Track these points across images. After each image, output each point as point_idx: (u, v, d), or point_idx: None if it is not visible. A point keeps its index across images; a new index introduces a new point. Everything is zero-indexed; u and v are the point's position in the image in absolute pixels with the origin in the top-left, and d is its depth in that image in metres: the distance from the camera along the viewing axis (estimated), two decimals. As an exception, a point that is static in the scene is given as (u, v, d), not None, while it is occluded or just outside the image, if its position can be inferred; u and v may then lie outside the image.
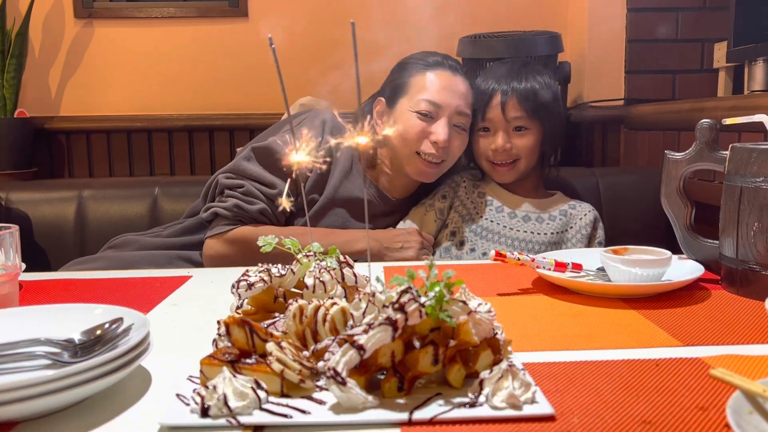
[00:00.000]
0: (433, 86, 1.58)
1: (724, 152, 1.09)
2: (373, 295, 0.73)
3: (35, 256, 1.94)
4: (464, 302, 0.70)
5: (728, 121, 1.14)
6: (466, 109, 1.62)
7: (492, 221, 1.67)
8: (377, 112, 1.66)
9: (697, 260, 1.16)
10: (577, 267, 1.13)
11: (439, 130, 1.57)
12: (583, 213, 1.69)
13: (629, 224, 1.93)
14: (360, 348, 0.65)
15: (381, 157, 1.67)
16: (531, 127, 1.65)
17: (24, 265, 1.17)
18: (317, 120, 1.61)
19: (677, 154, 1.17)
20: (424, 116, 1.57)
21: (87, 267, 1.60)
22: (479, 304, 0.75)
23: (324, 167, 0.88)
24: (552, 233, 1.66)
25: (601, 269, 1.14)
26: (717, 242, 1.11)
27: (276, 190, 1.53)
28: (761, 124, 1.10)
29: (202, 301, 1.08)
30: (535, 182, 1.76)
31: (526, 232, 1.65)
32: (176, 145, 2.56)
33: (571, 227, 1.68)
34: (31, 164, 2.43)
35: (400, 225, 1.72)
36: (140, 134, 2.55)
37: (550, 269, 1.10)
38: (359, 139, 0.85)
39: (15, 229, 0.95)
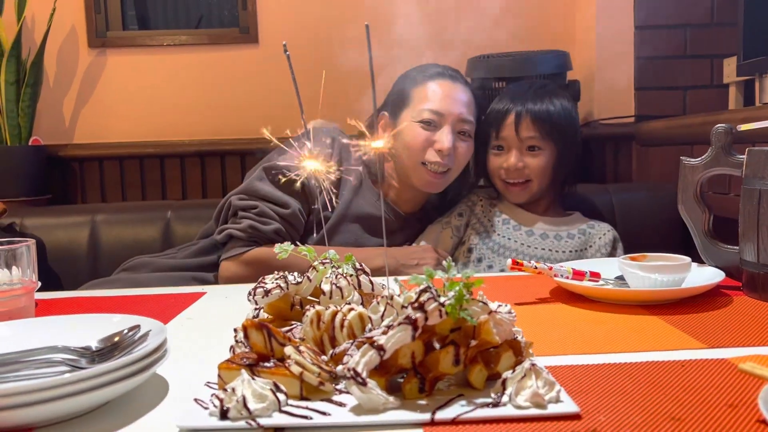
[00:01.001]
0: (435, 95, 1.60)
1: (741, 156, 1.09)
2: (392, 297, 0.73)
3: (49, 280, 1.93)
4: (484, 302, 0.69)
5: (743, 127, 1.14)
6: (469, 116, 1.62)
7: (509, 239, 1.66)
8: (380, 127, 1.67)
9: (717, 267, 1.14)
10: (596, 276, 1.11)
11: (443, 137, 1.57)
12: (602, 233, 1.67)
13: (645, 240, 1.90)
14: (380, 348, 0.64)
15: (388, 171, 1.67)
16: (544, 147, 1.65)
17: (39, 283, 1.17)
18: (326, 138, 1.62)
19: (693, 159, 1.16)
20: (427, 125, 1.58)
21: (101, 289, 1.59)
22: (499, 306, 0.74)
23: (333, 178, 0.88)
24: (571, 251, 1.64)
25: (620, 278, 1.12)
26: (737, 248, 1.10)
27: (289, 210, 1.52)
28: (777, 128, 1.09)
29: (218, 315, 1.08)
30: (550, 203, 1.75)
31: (544, 249, 1.63)
32: (188, 170, 2.58)
33: (591, 246, 1.66)
34: (45, 191, 2.45)
35: (416, 243, 1.71)
36: (152, 160, 2.57)
37: (568, 278, 1.08)
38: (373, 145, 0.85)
39: (31, 243, 0.95)
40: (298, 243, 0.89)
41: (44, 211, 2.13)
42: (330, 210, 1.61)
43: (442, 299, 0.66)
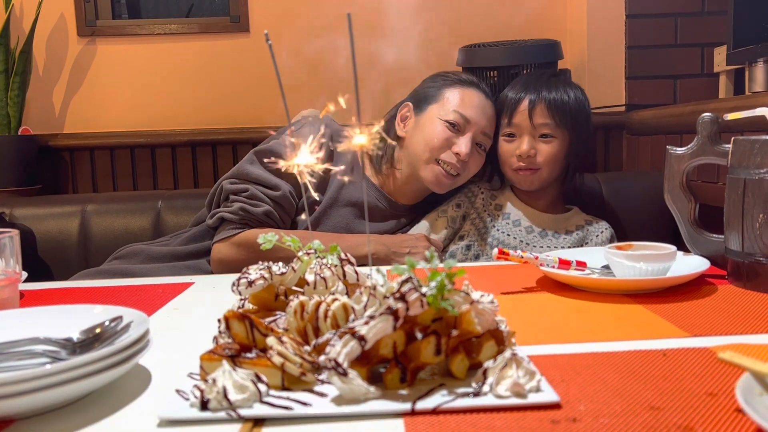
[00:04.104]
0: (466, 102, 1.63)
1: (727, 146, 1.09)
2: (374, 288, 0.73)
3: (39, 270, 1.93)
4: (466, 292, 0.69)
5: (730, 116, 1.14)
6: (490, 132, 1.66)
7: (508, 235, 1.65)
8: (401, 115, 1.68)
9: (702, 256, 1.15)
10: (582, 264, 1.12)
11: (463, 143, 1.60)
12: (600, 230, 1.67)
13: (635, 229, 1.91)
14: (361, 338, 0.64)
15: (396, 160, 1.68)
16: (557, 135, 1.63)
17: (25, 274, 1.16)
18: (317, 125, 1.63)
19: (679, 149, 1.16)
20: (452, 127, 1.61)
21: (93, 279, 1.59)
22: (482, 295, 0.74)
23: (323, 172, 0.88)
24: (568, 248, 1.63)
25: (606, 267, 1.13)
26: (722, 237, 1.10)
27: (279, 192, 1.53)
28: (763, 118, 1.09)
29: (204, 306, 1.08)
30: (554, 197, 1.73)
31: (542, 247, 1.63)
32: (180, 160, 2.57)
33: (587, 243, 1.65)
34: (35, 181, 2.44)
35: (413, 231, 1.70)
36: (143, 150, 2.56)
37: (554, 267, 1.09)
38: (359, 139, 0.84)
39: (15, 233, 0.95)
40: (283, 236, 0.89)
41: (34, 200, 2.12)
42: (321, 194, 1.62)
43: (423, 289, 0.66)
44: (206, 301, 1.11)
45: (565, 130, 1.63)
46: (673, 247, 1.07)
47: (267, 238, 0.88)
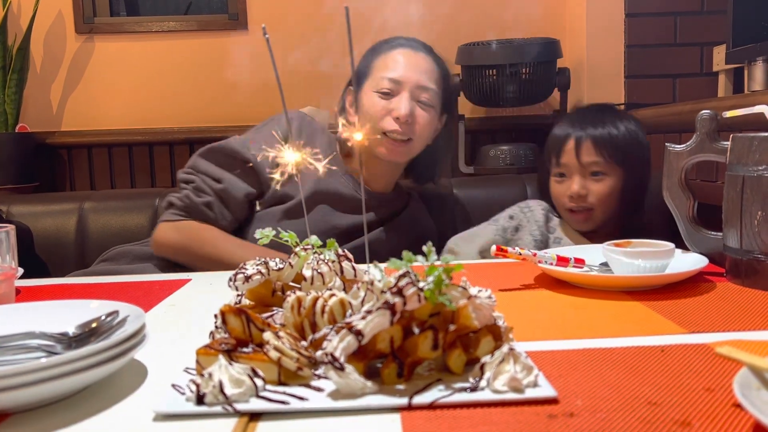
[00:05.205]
0: (393, 64, 1.59)
1: (725, 143, 1.09)
2: (372, 283, 0.72)
3: (36, 268, 1.93)
4: (464, 287, 0.69)
5: (729, 114, 1.14)
6: (429, 84, 1.59)
7: None
8: (348, 102, 1.67)
9: (701, 253, 1.15)
10: (580, 262, 1.11)
11: (400, 105, 1.55)
12: None
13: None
14: (358, 333, 0.64)
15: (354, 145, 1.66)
16: (609, 172, 1.56)
17: (21, 270, 1.16)
18: (282, 121, 1.62)
19: (678, 146, 1.16)
20: (386, 95, 1.57)
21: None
22: (479, 291, 0.74)
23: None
24: None
25: (605, 264, 1.12)
26: (720, 234, 1.10)
27: (221, 185, 1.57)
28: (761, 115, 1.09)
29: (201, 302, 1.07)
30: (612, 233, 1.63)
31: None
32: (177, 157, 2.57)
33: None
34: (32, 179, 2.43)
35: (463, 235, 1.66)
36: (141, 148, 2.56)
37: (552, 264, 1.09)
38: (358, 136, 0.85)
39: (11, 228, 0.94)
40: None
41: (32, 198, 2.12)
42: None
43: (421, 284, 0.66)
44: (203, 298, 1.10)
45: (617, 166, 1.56)
46: (672, 245, 1.07)
47: (264, 233, 0.87)
